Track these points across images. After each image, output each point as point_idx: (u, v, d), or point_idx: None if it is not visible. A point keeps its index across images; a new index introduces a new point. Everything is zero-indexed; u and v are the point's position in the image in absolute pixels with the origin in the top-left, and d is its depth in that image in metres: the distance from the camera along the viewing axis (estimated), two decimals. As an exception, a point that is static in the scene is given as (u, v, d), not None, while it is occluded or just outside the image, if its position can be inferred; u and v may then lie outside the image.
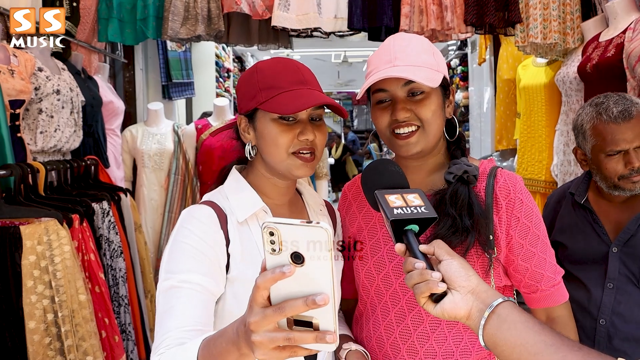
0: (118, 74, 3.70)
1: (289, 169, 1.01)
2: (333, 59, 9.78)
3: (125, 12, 2.67)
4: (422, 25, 2.65)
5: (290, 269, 0.60)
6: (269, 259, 0.62)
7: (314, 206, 1.16)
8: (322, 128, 1.04)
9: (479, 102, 4.63)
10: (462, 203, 1.02)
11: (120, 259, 2.19)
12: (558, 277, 1.11)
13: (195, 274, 0.93)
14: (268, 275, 0.61)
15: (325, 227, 0.59)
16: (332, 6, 2.66)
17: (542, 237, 1.08)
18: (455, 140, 1.14)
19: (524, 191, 1.08)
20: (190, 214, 1.01)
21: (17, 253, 1.62)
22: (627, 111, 1.43)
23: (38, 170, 1.93)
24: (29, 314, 1.60)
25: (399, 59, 1.04)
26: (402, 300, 1.07)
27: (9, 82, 1.95)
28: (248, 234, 1.02)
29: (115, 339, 1.91)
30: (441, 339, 1.04)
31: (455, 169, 1.05)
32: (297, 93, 0.98)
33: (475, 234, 1.02)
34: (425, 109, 1.04)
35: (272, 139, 1.00)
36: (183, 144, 3.41)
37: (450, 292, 0.76)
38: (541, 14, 2.58)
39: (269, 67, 1.03)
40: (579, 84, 2.57)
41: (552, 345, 0.68)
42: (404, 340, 1.05)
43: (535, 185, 3.09)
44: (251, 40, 2.87)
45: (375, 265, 1.11)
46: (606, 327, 1.48)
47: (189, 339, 0.85)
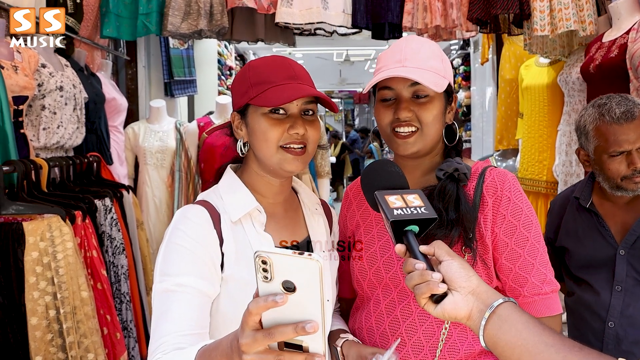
0: (121, 71, 3.70)
1: (279, 164, 1.01)
2: (335, 58, 9.78)
3: (122, 6, 2.65)
4: (425, 22, 2.63)
5: (283, 299, 0.61)
6: (261, 285, 0.63)
7: (309, 205, 1.16)
8: (315, 123, 1.04)
9: (481, 101, 4.62)
10: (449, 198, 1.04)
11: (122, 256, 2.19)
12: (547, 287, 1.05)
13: (190, 277, 0.94)
14: (260, 302, 0.62)
15: (317, 259, 0.60)
16: (340, 1, 2.64)
17: (533, 240, 1.05)
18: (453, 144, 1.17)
19: (514, 189, 1.07)
20: (183, 214, 1.01)
21: (19, 249, 1.63)
22: (629, 112, 1.44)
23: (41, 166, 1.93)
24: (31, 310, 1.60)
25: (409, 60, 1.07)
26: (393, 293, 1.09)
27: (13, 78, 1.95)
28: (242, 233, 1.02)
29: (117, 336, 1.92)
30: (429, 333, 1.05)
31: (446, 167, 1.08)
32: (287, 87, 0.99)
33: (460, 229, 1.02)
34: (427, 113, 1.07)
35: (262, 132, 1.01)
36: (185, 141, 3.41)
37: (450, 292, 0.76)
38: (548, 5, 2.51)
39: (261, 64, 1.04)
40: (582, 85, 2.56)
41: (553, 345, 0.68)
42: (392, 331, 1.07)
43: (536, 185, 3.09)
44: (255, 36, 2.86)
45: (368, 260, 1.13)
46: (615, 329, 1.48)
47: (185, 343, 0.87)
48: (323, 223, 1.17)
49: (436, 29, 2.77)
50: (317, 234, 1.13)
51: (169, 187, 3.40)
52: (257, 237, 1.03)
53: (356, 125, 14.37)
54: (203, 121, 3.46)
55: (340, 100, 15.48)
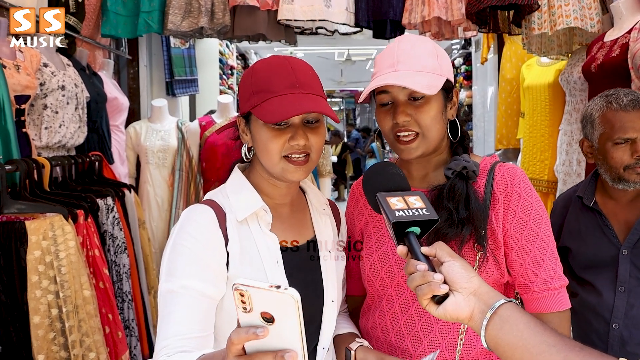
0: (122, 70, 3.71)
1: (282, 173, 1.02)
2: (336, 57, 9.76)
3: (121, 4, 2.65)
4: (423, 15, 2.59)
5: (263, 332, 0.64)
6: (241, 316, 0.66)
7: (317, 205, 1.16)
8: (318, 130, 1.03)
9: (483, 101, 4.62)
10: (459, 197, 1.04)
11: (124, 255, 2.20)
12: (556, 283, 1.06)
13: (195, 279, 0.95)
14: (242, 334, 0.65)
15: (292, 294, 0.62)
16: None
17: (543, 236, 1.06)
18: (458, 139, 1.15)
19: (524, 185, 1.07)
20: (189, 214, 1.02)
21: (22, 248, 1.63)
22: (636, 100, 1.45)
23: (43, 165, 1.94)
24: (34, 309, 1.61)
25: (401, 62, 1.06)
26: (406, 292, 1.09)
27: (15, 77, 1.96)
28: (247, 232, 1.02)
29: (119, 335, 1.92)
30: (445, 330, 1.05)
31: (454, 165, 1.08)
32: (285, 99, 0.97)
33: (471, 227, 1.02)
34: (424, 115, 1.06)
35: (263, 143, 1.01)
36: (187, 140, 3.42)
37: (452, 293, 0.76)
38: (546, 2, 2.49)
39: (264, 68, 1.03)
40: (583, 84, 2.56)
41: (554, 346, 0.68)
42: (408, 330, 1.07)
43: (537, 185, 3.09)
44: (256, 31, 2.86)
45: (380, 258, 1.13)
46: (619, 331, 1.46)
47: (189, 346, 0.90)
48: (330, 224, 1.17)
49: (439, 27, 2.75)
50: (324, 235, 1.13)
51: (170, 186, 3.41)
52: (263, 237, 1.03)
53: (357, 125, 14.37)
54: (205, 120, 3.47)
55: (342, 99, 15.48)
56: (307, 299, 0.95)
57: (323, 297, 1.08)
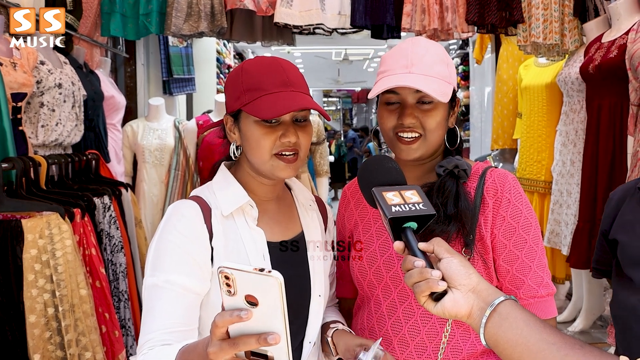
0: (119, 69, 3.70)
1: (272, 171, 1.03)
2: (334, 57, 9.77)
3: (127, 6, 2.67)
4: (424, 24, 2.65)
5: (247, 314, 0.65)
6: (225, 299, 0.66)
7: (303, 201, 1.17)
8: (307, 129, 1.05)
9: (480, 101, 4.63)
10: (449, 194, 1.04)
11: (120, 254, 2.19)
12: (543, 290, 1.05)
13: (179, 274, 0.96)
14: (226, 316, 0.66)
15: (276, 276, 0.63)
16: (336, 3, 2.66)
17: (531, 243, 1.05)
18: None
19: (514, 191, 1.07)
20: (175, 210, 1.03)
21: (18, 246, 1.62)
22: None
23: (40, 164, 1.93)
24: (30, 308, 1.60)
25: (415, 65, 1.06)
26: (393, 293, 1.09)
27: (11, 74, 1.95)
28: (233, 227, 1.03)
29: (116, 334, 1.92)
30: (432, 334, 1.05)
31: (446, 163, 1.08)
32: (279, 96, 0.98)
33: (458, 224, 1.02)
34: (430, 120, 1.07)
35: (254, 140, 1.01)
36: (184, 139, 3.41)
37: (450, 290, 0.75)
38: (542, 14, 2.58)
39: (254, 67, 1.04)
40: (581, 85, 2.57)
41: (554, 343, 0.68)
42: (395, 333, 1.07)
43: (534, 185, 3.10)
44: (254, 36, 2.87)
45: (368, 259, 1.13)
46: None
47: (172, 340, 0.91)
48: (317, 219, 1.18)
49: (434, 30, 2.79)
50: (311, 230, 1.14)
51: (166, 185, 3.40)
52: (249, 231, 1.04)
53: (354, 125, 14.38)
54: (202, 119, 3.46)
55: (339, 99, 15.49)
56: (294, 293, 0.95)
57: (310, 291, 1.09)
